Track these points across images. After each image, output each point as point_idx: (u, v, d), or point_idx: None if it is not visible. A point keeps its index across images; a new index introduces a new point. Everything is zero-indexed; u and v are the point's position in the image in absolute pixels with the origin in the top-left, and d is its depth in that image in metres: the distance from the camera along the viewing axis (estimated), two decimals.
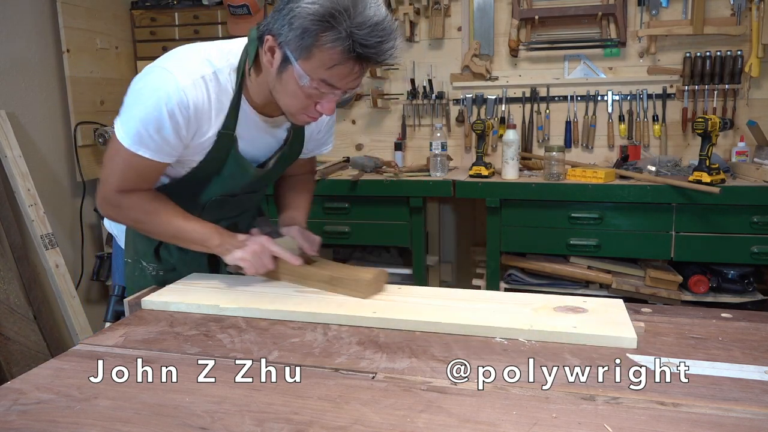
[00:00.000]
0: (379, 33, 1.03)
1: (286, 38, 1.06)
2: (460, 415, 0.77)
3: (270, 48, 1.11)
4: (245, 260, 1.24)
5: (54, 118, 2.79)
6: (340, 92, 1.13)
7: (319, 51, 1.05)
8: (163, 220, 1.26)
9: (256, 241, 1.26)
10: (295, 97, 1.14)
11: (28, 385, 0.88)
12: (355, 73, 1.10)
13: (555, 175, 2.47)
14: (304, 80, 1.09)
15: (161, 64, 1.18)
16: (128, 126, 1.17)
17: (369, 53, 1.05)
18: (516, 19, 2.86)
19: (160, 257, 1.42)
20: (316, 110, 1.17)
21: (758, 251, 2.29)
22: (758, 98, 2.71)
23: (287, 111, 1.20)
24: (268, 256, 1.26)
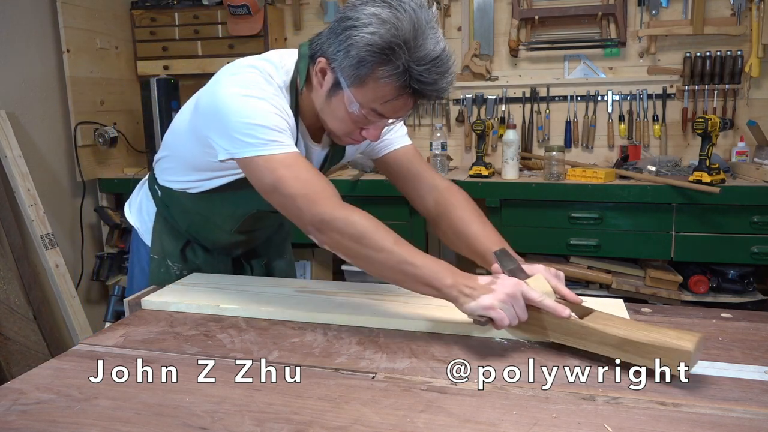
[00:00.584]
0: (437, 69, 1.00)
1: (341, 65, 1.03)
2: (460, 415, 0.77)
3: (321, 69, 1.08)
4: (497, 310, 0.94)
5: (54, 118, 2.79)
6: (388, 121, 1.11)
7: (373, 82, 1.02)
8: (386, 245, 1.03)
9: (507, 285, 0.97)
10: (343, 121, 1.10)
11: (28, 385, 0.88)
12: (408, 107, 1.07)
13: (555, 175, 2.47)
14: (354, 107, 1.06)
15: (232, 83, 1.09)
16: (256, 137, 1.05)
17: (425, 90, 1.01)
18: (516, 19, 2.86)
19: (186, 257, 1.41)
20: (361, 135, 1.13)
21: (758, 251, 2.29)
22: (758, 98, 2.71)
23: (332, 132, 1.16)
24: (522, 305, 0.97)
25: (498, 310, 0.94)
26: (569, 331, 0.96)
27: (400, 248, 1.03)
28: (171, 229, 1.41)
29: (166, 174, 1.36)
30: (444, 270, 1.00)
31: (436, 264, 1.01)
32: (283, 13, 3.15)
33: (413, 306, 1.14)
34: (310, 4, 3.13)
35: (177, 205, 1.37)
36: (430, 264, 1.01)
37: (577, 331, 0.95)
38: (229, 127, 1.06)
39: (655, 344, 0.87)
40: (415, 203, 1.39)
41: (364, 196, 2.64)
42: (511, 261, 1.08)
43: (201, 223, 1.39)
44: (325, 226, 1.04)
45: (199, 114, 1.16)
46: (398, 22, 0.97)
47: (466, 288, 0.97)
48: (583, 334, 0.94)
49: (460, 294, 0.97)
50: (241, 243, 1.47)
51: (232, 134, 1.06)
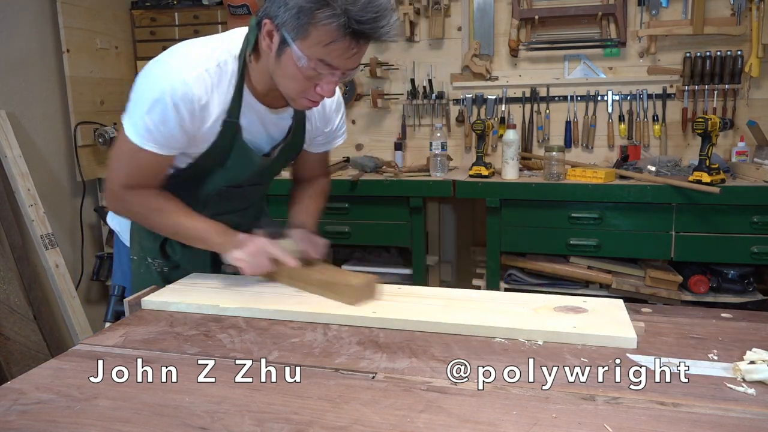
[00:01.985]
0: (373, 9, 1.04)
1: (283, 19, 1.08)
2: (460, 415, 0.77)
3: (268, 32, 1.13)
4: (242, 260, 1.24)
5: (54, 118, 2.80)
6: (339, 73, 1.13)
7: (315, 29, 1.06)
8: (168, 217, 1.27)
9: (255, 242, 1.25)
10: (295, 79, 1.14)
11: (28, 385, 0.88)
12: (353, 52, 1.10)
13: (555, 175, 2.47)
14: (303, 61, 1.10)
15: (164, 58, 1.19)
16: (134, 121, 1.18)
17: (364, 29, 1.05)
18: (516, 19, 2.86)
19: (166, 253, 1.42)
20: (316, 93, 1.17)
21: (758, 251, 2.29)
22: (758, 98, 2.71)
23: (288, 95, 1.20)
24: (265, 258, 1.25)
25: (243, 261, 1.24)
26: (294, 276, 1.27)
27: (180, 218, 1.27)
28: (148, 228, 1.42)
29: None
30: (215, 231, 1.27)
31: (209, 226, 1.28)
32: None
33: (413, 306, 1.14)
34: None
35: None
36: (202, 226, 1.28)
37: (299, 276, 1.26)
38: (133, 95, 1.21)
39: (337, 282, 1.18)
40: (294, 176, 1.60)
41: (364, 196, 2.64)
42: (272, 227, 1.34)
43: None
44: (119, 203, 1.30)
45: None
46: None
47: (226, 243, 1.26)
48: (302, 278, 1.25)
49: (223, 248, 1.27)
50: None
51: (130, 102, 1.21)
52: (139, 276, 1.41)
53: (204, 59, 1.18)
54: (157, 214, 1.28)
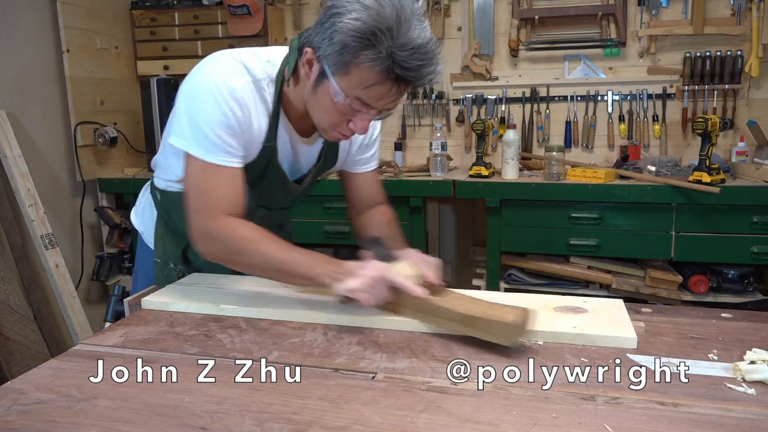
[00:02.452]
0: (420, 56, 1.01)
1: (325, 52, 1.04)
2: (460, 415, 0.77)
3: (308, 60, 1.09)
4: (359, 292, 1.05)
5: (54, 118, 2.80)
6: (375, 112, 1.11)
7: (357, 69, 1.03)
8: (264, 250, 1.12)
9: (371, 269, 1.07)
10: (329, 112, 1.11)
11: (28, 385, 0.88)
12: (392, 95, 1.07)
13: (555, 175, 2.47)
14: (339, 97, 1.07)
15: (205, 71, 1.15)
16: (196, 136, 1.12)
17: (408, 76, 1.02)
18: (516, 19, 2.86)
19: (188, 259, 1.41)
20: (348, 128, 1.14)
21: (758, 251, 2.29)
22: (758, 98, 2.71)
23: (319, 126, 1.17)
24: (385, 286, 1.07)
25: (361, 293, 1.05)
26: (422, 309, 1.07)
27: (274, 251, 1.12)
28: (172, 232, 1.41)
29: (163, 174, 1.36)
30: (316, 262, 1.12)
31: (309, 258, 1.12)
32: (283, 13, 3.15)
33: None
34: (310, 4, 3.14)
35: (175, 207, 1.37)
36: (303, 259, 1.12)
37: (427, 308, 1.06)
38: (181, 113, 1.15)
39: (486, 318, 0.98)
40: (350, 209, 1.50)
41: None
42: (382, 248, 1.19)
43: None
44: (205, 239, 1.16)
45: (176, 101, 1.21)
46: (381, 9, 0.99)
47: (335, 273, 1.08)
48: (434, 311, 1.05)
49: (330, 280, 1.08)
50: None
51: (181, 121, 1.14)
52: (162, 279, 1.39)
53: (245, 71, 1.15)
54: (252, 245, 1.13)
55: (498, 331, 0.97)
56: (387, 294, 1.07)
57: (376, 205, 1.46)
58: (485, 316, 0.98)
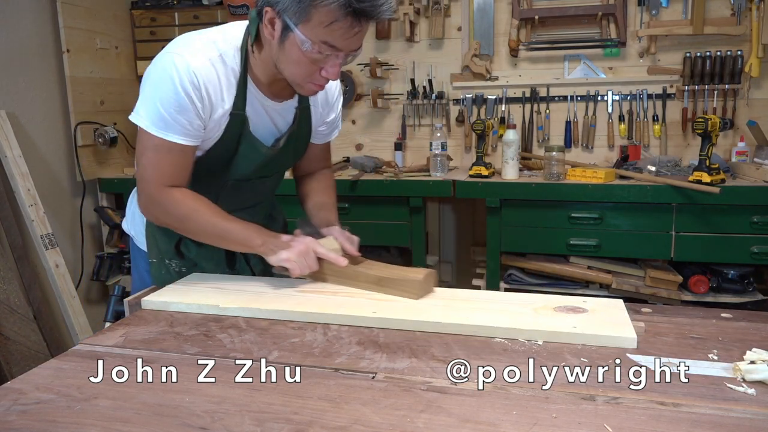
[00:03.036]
0: None
1: (284, 5, 1.10)
2: (460, 415, 0.77)
3: (270, 20, 1.14)
4: (291, 261, 1.22)
5: (54, 118, 2.80)
6: (343, 54, 1.15)
7: (316, 11, 1.08)
8: (207, 219, 1.24)
9: (301, 242, 1.24)
10: (299, 64, 1.15)
11: (28, 385, 0.88)
12: (355, 32, 1.11)
13: (555, 175, 2.47)
14: (306, 45, 1.11)
15: (169, 50, 1.21)
16: (150, 113, 1.20)
17: (364, 7, 1.07)
18: (516, 19, 2.86)
19: (182, 253, 1.42)
20: (321, 76, 1.18)
21: (758, 251, 2.29)
22: (758, 98, 2.71)
23: (293, 81, 1.21)
24: (313, 258, 1.24)
25: (292, 262, 1.22)
26: (344, 275, 1.26)
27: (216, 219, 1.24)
28: (162, 229, 1.41)
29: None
30: (254, 233, 1.25)
31: (247, 228, 1.26)
32: None
33: (413, 306, 1.14)
34: None
35: None
36: (240, 229, 1.25)
37: (350, 274, 1.25)
38: (142, 92, 1.22)
39: (395, 278, 1.19)
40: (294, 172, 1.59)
41: (364, 196, 2.64)
42: (311, 227, 1.36)
43: None
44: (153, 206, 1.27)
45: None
46: None
47: (270, 244, 1.24)
48: (353, 276, 1.25)
49: (267, 250, 1.24)
50: None
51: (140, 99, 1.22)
52: (160, 278, 1.40)
53: (206, 49, 1.20)
54: (196, 215, 1.24)
55: (407, 287, 1.17)
56: (314, 264, 1.24)
57: (316, 170, 1.56)
58: (396, 277, 1.19)
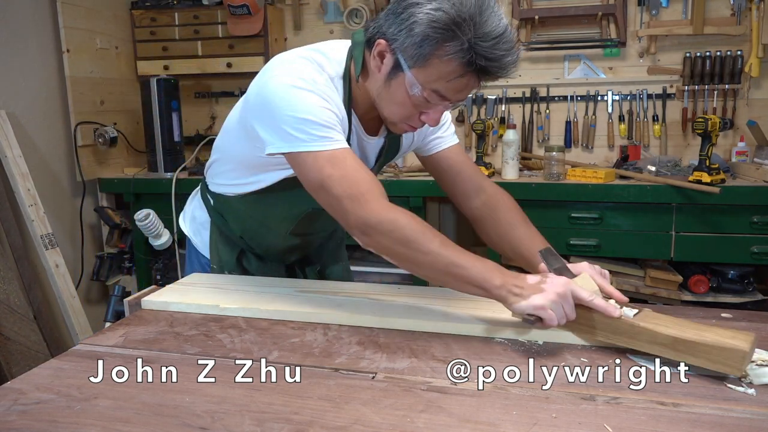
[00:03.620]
0: (502, 45, 0.97)
1: (402, 44, 1.00)
2: (460, 415, 0.77)
3: (380, 53, 1.05)
4: (547, 310, 0.95)
5: (54, 118, 2.80)
6: (449, 104, 1.07)
7: (437, 61, 0.99)
8: (434, 247, 1.01)
9: (557, 284, 0.97)
10: (403, 106, 1.07)
11: (28, 385, 0.88)
12: (471, 87, 1.03)
13: (555, 175, 2.47)
14: (416, 90, 1.03)
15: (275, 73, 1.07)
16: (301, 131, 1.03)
17: (491, 66, 0.99)
18: (516, 19, 2.86)
19: (243, 267, 1.39)
20: (420, 120, 1.10)
21: (758, 251, 2.29)
22: (758, 98, 2.71)
23: (389, 119, 1.12)
24: (571, 304, 0.97)
25: (548, 310, 0.95)
26: (619, 331, 0.95)
27: (447, 250, 1.00)
28: (226, 239, 1.39)
29: (218, 178, 1.33)
30: (492, 270, 0.99)
31: (483, 264, 1.00)
32: (283, 13, 3.15)
33: (413, 306, 1.14)
34: (310, 4, 3.13)
35: (230, 211, 1.36)
36: (478, 265, 1.00)
37: (628, 331, 0.94)
38: (277, 120, 1.04)
39: (708, 343, 0.87)
40: (461, 203, 1.35)
41: None
42: (557, 260, 1.08)
43: (255, 227, 1.36)
44: (371, 230, 1.03)
45: (248, 106, 1.14)
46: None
47: (516, 288, 0.97)
48: (634, 334, 0.94)
49: (509, 294, 0.97)
50: (295, 248, 1.43)
51: (280, 127, 1.04)
52: None
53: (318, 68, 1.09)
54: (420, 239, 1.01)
55: (722, 358, 0.86)
56: (573, 312, 0.98)
57: (481, 189, 1.33)
58: (704, 341, 0.87)
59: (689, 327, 0.92)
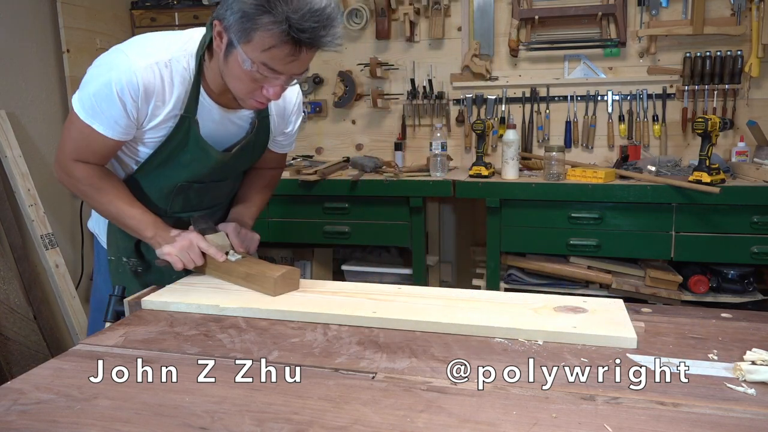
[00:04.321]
0: (315, 18, 1.07)
1: (229, 22, 1.11)
2: (460, 415, 0.77)
3: (218, 33, 1.16)
4: (172, 255, 1.30)
5: (54, 118, 2.80)
6: (284, 77, 1.17)
7: (257, 34, 1.09)
8: (109, 198, 1.30)
9: (185, 237, 1.31)
10: (241, 80, 1.18)
11: (28, 385, 0.88)
12: (295, 58, 1.12)
13: (555, 175, 2.47)
14: (246, 64, 1.13)
15: (121, 47, 1.24)
16: (83, 99, 1.23)
17: (304, 38, 1.08)
18: (516, 19, 2.86)
19: (141, 253, 1.44)
20: (263, 94, 1.21)
21: (758, 251, 2.29)
22: (758, 98, 2.71)
23: (236, 95, 1.23)
24: (196, 252, 1.31)
25: (173, 256, 1.30)
26: (221, 269, 1.32)
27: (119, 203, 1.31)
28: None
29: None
30: (148, 223, 1.32)
31: (144, 217, 1.32)
32: None
33: (413, 306, 1.14)
34: None
35: None
36: (139, 216, 1.31)
37: (225, 269, 1.32)
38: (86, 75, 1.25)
39: (257, 274, 1.24)
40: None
41: (364, 196, 2.64)
42: (205, 223, 1.38)
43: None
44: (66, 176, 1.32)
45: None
46: None
47: (158, 237, 1.31)
48: (228, 271, 1.31)
49: (155, 242, 1.32)
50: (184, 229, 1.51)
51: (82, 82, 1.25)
52: (117, 276, 1.43)
53: (158, 52, 1.22)
54: (97, 192, 1.30)
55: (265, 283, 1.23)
56: (197, 258, 1.32)
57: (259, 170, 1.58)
58: (255, 272, 1.25)
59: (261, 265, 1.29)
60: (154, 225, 1.32)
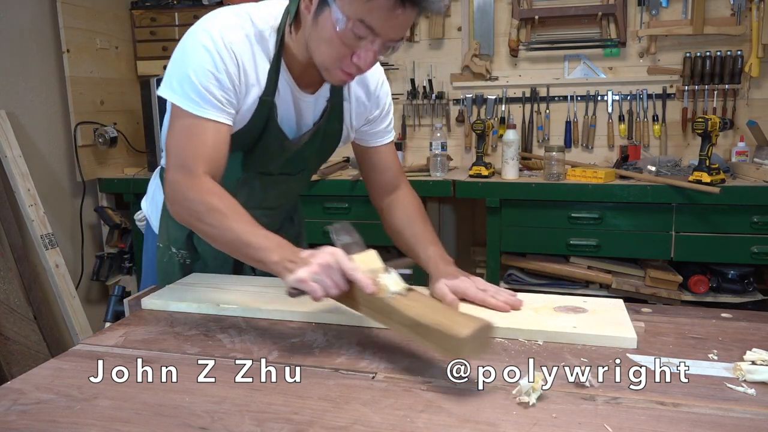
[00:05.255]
0: None
1: None
2: (460, 415, 0.77)
3: None
4: (307, 282, 0.94)
5: (54, 118, 2.80)
6: (380, 41, 1.04)
7: None
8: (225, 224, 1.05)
9: (321, 256, 0.96)
10: (331, 44, 1.05)
11: (28, 385, 0.88)
12: (396, 14, 1.00)
13: (555, 175, 2.47)
14: (340, 23, 1.01)
15: (202, 25, 1.14)
16: (183, 87, 1.10)
17: None
18: (516, 19, 2.86)
19: (193, 245, 1.38)
20: (352, 62, 1.07)
21: (758, 251, 2.29)
22: (758, 98, 2.72)
23: (322, 64, 1.10)
24: (339, 275, 0.95)
25: (309, 283, 0.94)
26: (376, 307, 0.93)
27: (236, 227, 1.04)
28: None
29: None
30: (272, 248, 1.00)
31: (266, 242, 1.02)
32: None
33: None
34: None
35: None
36: (261, 242, 1.02)
37: (383, 308, 0.92)
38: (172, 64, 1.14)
39: (432, 326, 0.84)
40: (375, 196, 1.44)
41: (364, 196, 2.63)
42: (348, 235, 1.06)
43: None
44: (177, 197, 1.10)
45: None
46: None
47: (289, 263, 0.97)
48: (388, 312, 0.91)
49: (284, 269, 0.97)
50: None
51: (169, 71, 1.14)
52: (162, 264, 1.37)
53: (244, 24, 1.13)
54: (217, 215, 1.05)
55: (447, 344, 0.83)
56: (341, 284, 0.95)
57: (395, 188, 1.40)
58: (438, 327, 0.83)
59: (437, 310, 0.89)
60: (279, 248, 1.00)
